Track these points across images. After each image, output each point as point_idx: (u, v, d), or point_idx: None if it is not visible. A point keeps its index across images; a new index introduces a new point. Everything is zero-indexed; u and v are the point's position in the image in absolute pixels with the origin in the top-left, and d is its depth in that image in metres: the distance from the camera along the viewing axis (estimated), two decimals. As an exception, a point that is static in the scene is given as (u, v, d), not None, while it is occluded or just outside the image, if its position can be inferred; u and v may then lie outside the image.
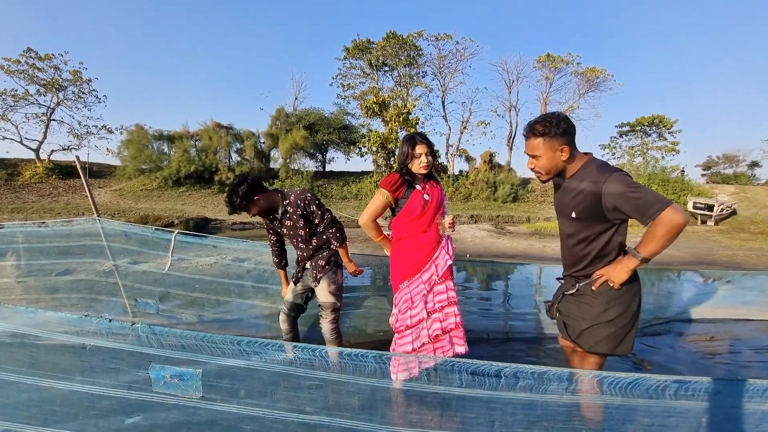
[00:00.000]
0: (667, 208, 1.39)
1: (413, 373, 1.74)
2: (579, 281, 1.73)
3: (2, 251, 3.86)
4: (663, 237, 1.44)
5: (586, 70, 26.75)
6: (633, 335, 1.67)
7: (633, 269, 1.55)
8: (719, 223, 16.79)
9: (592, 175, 1.56)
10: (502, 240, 11.03)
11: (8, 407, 1.71)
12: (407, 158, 2.12)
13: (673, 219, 1.39)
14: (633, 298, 1.64)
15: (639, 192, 1.44)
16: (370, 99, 22.59)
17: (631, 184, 1.47)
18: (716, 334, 3.48)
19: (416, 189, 2.13)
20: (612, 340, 1.65)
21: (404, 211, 2.12)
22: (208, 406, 1.40)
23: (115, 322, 1.33)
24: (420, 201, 2.11)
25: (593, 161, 1.62)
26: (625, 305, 1.63)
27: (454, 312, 2.12)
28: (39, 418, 1.64)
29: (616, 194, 1.48)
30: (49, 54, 20.61)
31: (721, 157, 35.87)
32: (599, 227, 1.61)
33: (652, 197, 1.43)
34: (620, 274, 1.57)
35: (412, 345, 2.04)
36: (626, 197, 1.46)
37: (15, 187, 18.21)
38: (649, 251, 1.49)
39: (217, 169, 21.14)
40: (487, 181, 22.72)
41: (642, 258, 1.51)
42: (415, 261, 2.09)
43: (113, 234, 3.63)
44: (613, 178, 1.49)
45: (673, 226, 1.40)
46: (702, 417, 1.19)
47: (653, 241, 1.46)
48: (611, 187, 1.48)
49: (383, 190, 2.11)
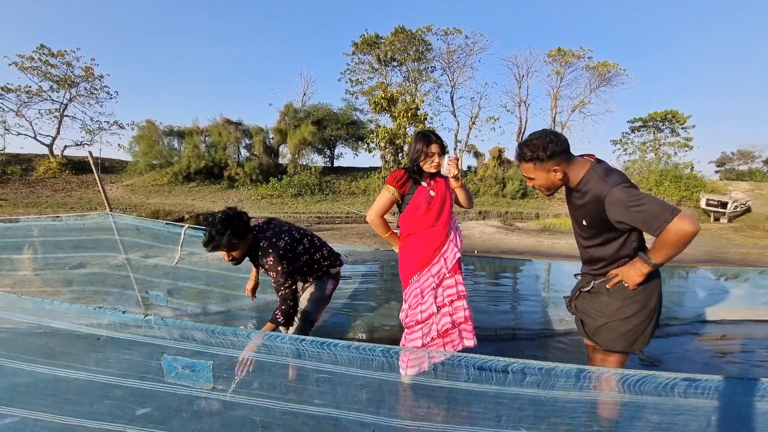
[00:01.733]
0: (675, 218, 1.36)
1: (423, 368, 1.75)
2: (595, 279, 1.72)
3: (19, 244, 3.95)
4: (673, 246, 1.41)
5: (597, 65, 26.29)
6: (650, 332, 1.66)
7: (646, 273, 1.54)
8: (733, 220, 16.48)
9: (595, 187, 1.53)
10: (510, 236, 10.97)
11: (26, 395, 1.76)
12: (420, 155, 2.11)
13: (682, 228, 1.36)
14: (650, 296, 1.63)
15: (642, 204, 1.41)
16: (378, 94, 22.53)
17: (633, 197, 1.43)
18: (728, 334, 3.43)
19: (421, 185, 2.14)
20: (628, 338, 1.64)
21: (410, 207, 2.13)
22: (219, 397, 1.42)
23: (128, 314, 1.36)
24: (425, 197, 2.12)
25: (595, 168, 1.58)
26: (641, 303, 1.62)
27: (463, 306, 2.13)
28: (55, 407, 1.69)
29: (618, 209, 1.45)
30: (62, 50, 20.90)
31: (736, 153, 35.08)
32: (611, 234, 1.60)
33: (657, 208, 1.39)
34: (634, 277, 1.56)
35: (422, 340, 2.04)
36: (630, 211, 1.43)
37: (30, 182, 18.58)
38: (660, 259, 1.48)
39: (227, 164, 21.31)
40: (495, 177, 22.57)
41: (654, 264, 1.50)
42: (424, 255, 2.09)
43: (125, 228, 3.69)
44: (614, 192, 1.46)
45: (682, 235, 1.37)
46: (712, 415, 1.18)
47: (663, 249, 1.44)
48: (613, 202, 1.47)
49: (389, 186, 2.13)
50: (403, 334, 2.13)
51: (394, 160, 22.16)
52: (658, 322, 1.70)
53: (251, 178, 21.00)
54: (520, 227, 14.16)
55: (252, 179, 21.00)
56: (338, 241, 9.76)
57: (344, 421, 1.41)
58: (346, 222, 16.05)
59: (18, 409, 1.58)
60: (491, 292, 4.71)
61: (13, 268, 3.93)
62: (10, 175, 18.37)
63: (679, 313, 3.76)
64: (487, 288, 4.95)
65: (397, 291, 2.68)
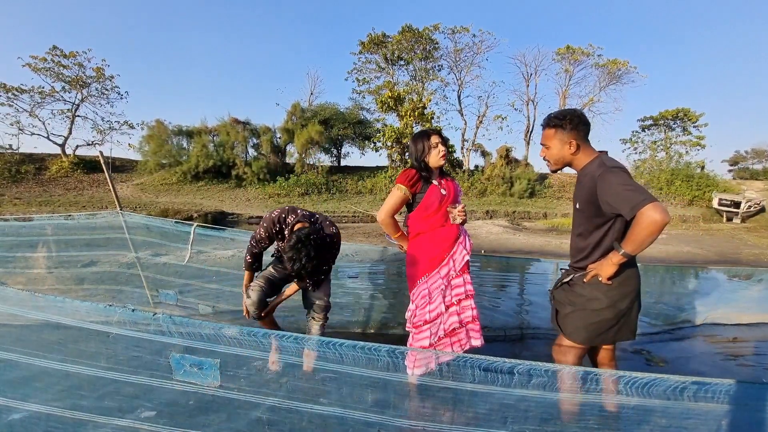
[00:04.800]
0: (649, 204, 1.43)
1: (431, 368, 1.75)
2: (576, 273, 1.81)
3: (33, 243, 4.03)
4: (642, 233, 1.47)
5: (607, 62, 25.91)
6: (613, 333, 1.72)
7: (617, 263, 1.61)
8: (746, 220, 16.17)
9: (593, 170, 1.66)
10: (518, 236, 10.90)
11: (38, 390, 1.80)
12: (424, 151, 2.13)
13: (651, 216, 1.42)
14: (623, 297, 1.68)
15: (627, 185, 1.51)
16: (385, 93, 22.48)
17: (624, 179, 1.54)
18: (740, 336, 3.37)
19: (433, 184, 2.14)
20: (590, 331, 1.71)
21: (421, 206, 2.12)
22: (226, 395, 1.44)
23: (138, 312, 1.38)
24: (437, 195, 2.12)
25: (601, 158, 1.70)
26: (611, 300, 1.68)
27: (470, 305, 2.13)
28: (67, 402, 1.72)
29: (605, 185, 1.55)
30: (74, 51, 21.20)
31: (750, 152, 34.47)
32: (596, 221, 1.67)
33: (637, 194, 1.47)
34: (606, 268, 1.64)
35: (429, 340, 2.03)
36: (614, 189, 1.52)
37: (42, 181, 18.90)
38: (631, 247, 1.54)
39: (235, 163, 21.46)
40: (503, 177, 22.40)
41: (623, 252, 1.56)
42: (433, 256, 2.09)
43: (135, 227, 3.74)
44: (608, 171, 1.58)
45: (650, 222, 1.43)
46: (722, 420, 1.16)
47: (633, 236, 1.52)
48: (603, 180, 1.56)
49: (400, 185, 2.11)
50: (410, 334, 2.13)
51: (401, 159, 22.11)
52: (629, 328, 1.75)
53: (259, 178, 21.12)
54: (528, 227, 14.06)
55: (259, 178, 21.13)
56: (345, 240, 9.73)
57: (350, 420, 1.41)
58: (353, 221, 16.08)
59: (31, 403, 1.61)
60: (499, 292, 4.69)
61: (27, 265, 4.01)
62: (24, 175, 18.71)
63: (690, 314, 3.70)
64: (494, 287, 4.93)
65: (404, 290, 2.68)
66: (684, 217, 17.67)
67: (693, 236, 12.05)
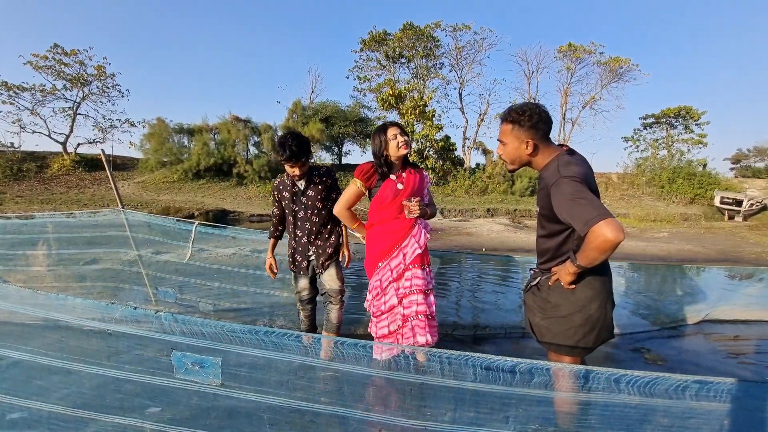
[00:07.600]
0: (602, 221, 1.33)
1: (394, 351, 1.76)
2: (542, 275, 1.75)
3: (34, 240, 4.04)
4: (594, 250, 1.38)
5: (609, 60, 25.79)
6: (593, 339, 1.62)
7: (574, 273, 1.54)
8: (748, 218, 16.13)
9: (549, 176, 1.55)
10: (519, 234, 10.89)
11: (41, 388, 1.80)
12: (381, 146, 2.14)
13: (603, 234, 1.33)
14: (591, 300, 1.60)
15: (580, 200, 1.41)
16: (386, 91, 22.44)
17: (576, 191, 1.43)
18: (741, 334, 3.37)
19: (389, 178, 2.16)
20: (566, 338, 1.63)
21: (375, 199, 2.19)
22: (228, 394, 1.44)
23: (139, 310, 1.38)
24: (392, 190, 2.14)
25: (558, 159, 1.58)
26: (578, 305, 1.60)
27: (417, 301, 2.12)
28: (69, 400, 1.72)
29: (558, 199, 1.47)
30: (75, 50, 21.15)
31: (752, 150, 34.28)
32: (557, 226, 1.60)
33: (590, 208, 1.38)
34: (565, 276, 1.57)
35: (388, 328, 2.13)
36: (567, 203, 1.44)
37: (44, 179, 18.92)
38: (583, 261, 1.46)
39: (236, 162, 21.45)
40: (504, 175, 22.37)
41: (578, 265, 1.48)
42: (383, 248, 2.14)
43: (137, 225, 3.75)
44: (560, 182, 1.47)
45: (601, 241, 1.34)
46: (724, 419, 1.16)
47: (585, 251, 1.42)
48: (556, 191, 1.48)
49: (356, 179, 2.18)
50: (371, 321, 2.24)
51: (402, 157, 22.04)
52: (608, 329, 1.66)
53: (260, 175, 21.12)
54: (529, 225, 14.04)
55: (260, 176, 21.12)
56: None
57: (351, 419, 1.41)
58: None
59: (33, 401, 1.61)
60: (500, 290, 4.69)
61: (28, 263, 4.02)
62: (25, 173, 18.72)
63: (691, 313, 3.69)
64: (495, 286, 4.93)
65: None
66: (685, 215, 17.63)
67: (694, 234, 12.02)
